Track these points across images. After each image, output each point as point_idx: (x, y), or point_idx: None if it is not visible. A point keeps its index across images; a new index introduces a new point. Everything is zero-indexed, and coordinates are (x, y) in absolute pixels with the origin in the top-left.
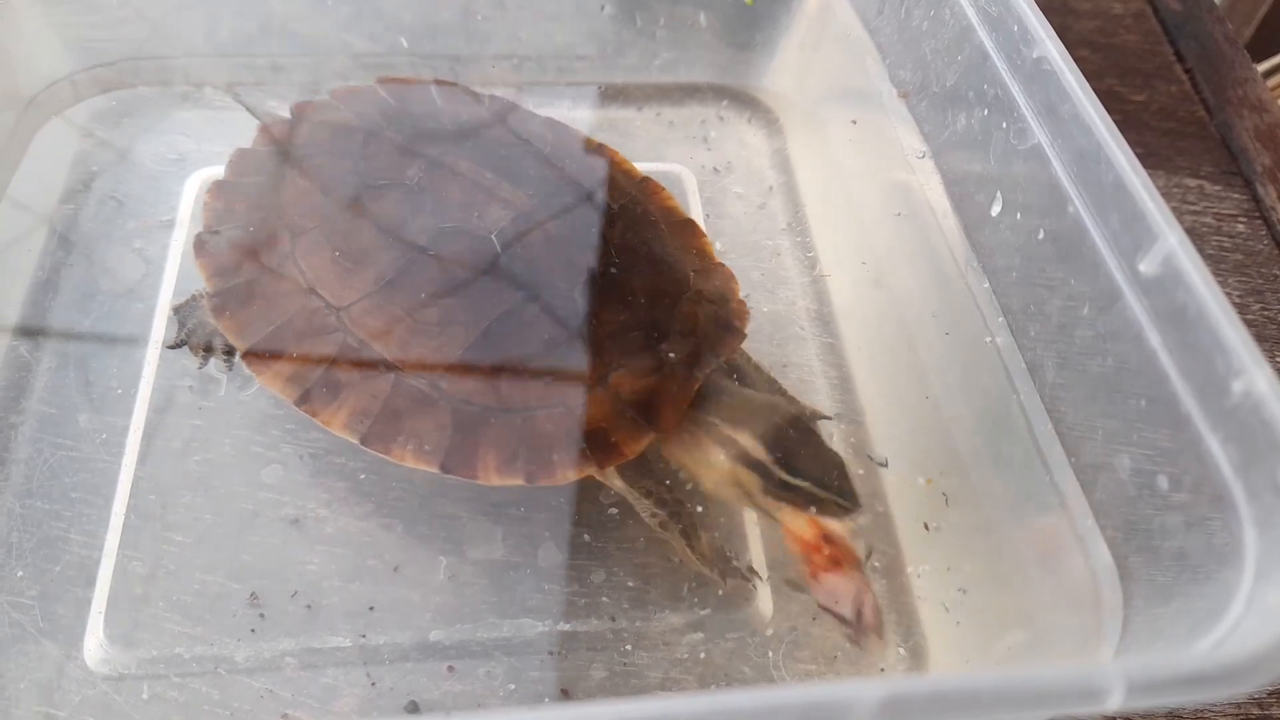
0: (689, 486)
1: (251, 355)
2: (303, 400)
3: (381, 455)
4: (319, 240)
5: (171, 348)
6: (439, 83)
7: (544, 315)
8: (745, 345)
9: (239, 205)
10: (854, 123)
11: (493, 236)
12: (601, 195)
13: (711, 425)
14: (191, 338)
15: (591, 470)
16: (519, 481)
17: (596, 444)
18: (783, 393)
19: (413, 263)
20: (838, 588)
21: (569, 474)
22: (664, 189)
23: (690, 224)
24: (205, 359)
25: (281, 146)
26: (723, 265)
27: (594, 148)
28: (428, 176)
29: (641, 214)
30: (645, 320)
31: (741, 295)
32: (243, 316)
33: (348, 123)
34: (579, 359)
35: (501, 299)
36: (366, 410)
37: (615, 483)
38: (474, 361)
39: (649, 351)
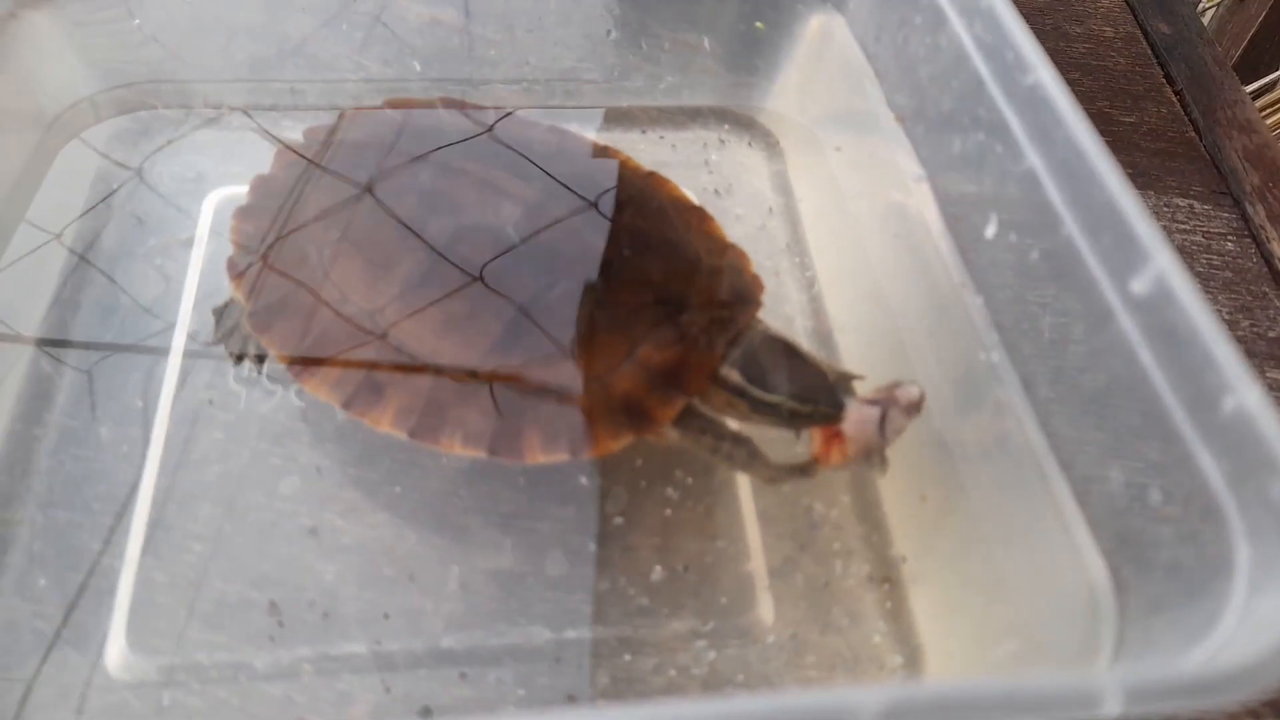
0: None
1: (296, 366)
2: (349, 404)
3: (430, 446)
4: (346, 250)
5: (210, 344)
6: (445, 101)
7: (567, 300)
8: None
9: (266, 225)
10: (839, 149)
11: (509, 229)
12: (609, 187)
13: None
14: (229, 338)
15: (629, 439)
16: (564, 457)
17: (632, 414)
18: (806, 357)
19: (436, 261)
20: (861, 418)
21: (609, 445)
22: (670, 181)
23: (699, 210)
24: (239, 360)
25: (298, 168)
26: (734, 245)
27: (599, 149)
28: (441, 180)
29: (649, 202)
30: (664, 297)
31: None
32: (282, 331)
33: (360, 140)
34: (606, 338)
35: (524, 288)
36: (411, 407)
37: (671, 436)
38: (507, 349)
39: (671, 324)
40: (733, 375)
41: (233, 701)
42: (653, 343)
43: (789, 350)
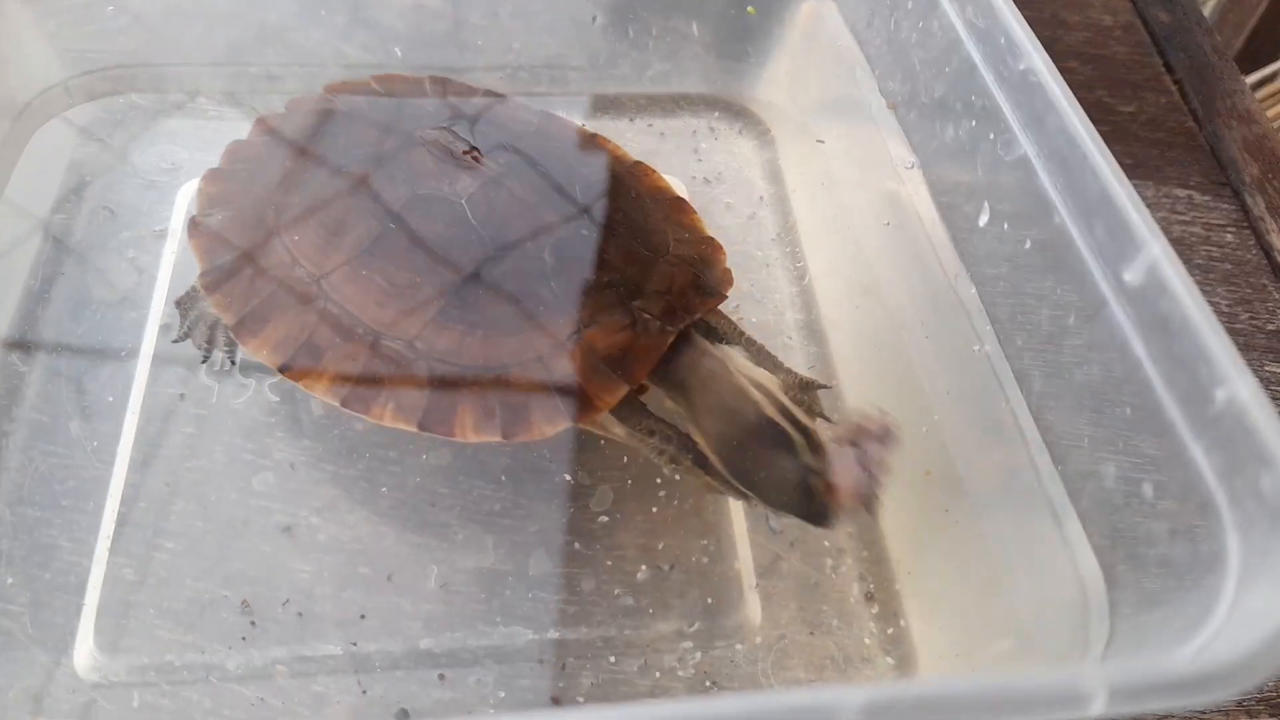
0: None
1: (239, 327)
2: (286, 367)
3: (361, 415)
4: (302, 215)
5: (176, 341)
6: (433, 79)
7: (513, 275)
8: None
9: (232, 189)
10: (820, 142)
11: (463, 201)
12: (581, 168)
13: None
14: (194, 330)
15: (565, 424)
16: (496, 438)
17: (571, 398)
18: (770, 359)
19: (388, 229)
20: (845, 466)
21: (544, 429)
22: (655, 171)
23: (679, 201)
24: (208, 352)
25: (274, 135)
26: (712, 238)
27: (586, 135)
28: (404, 149)
29: (624, 187)
30: (618, 280)
31: (732, 305)
32: (231, 291)
33: (336, 110)
34: (552, 317)
35: (470, 261)
36: (347, 373)
37: (616, 430)
38: (447, 322)
39: (622, 308)
40: (708, 448)
41: (204, 703)
42: (600, 325)
43: (771, 449)
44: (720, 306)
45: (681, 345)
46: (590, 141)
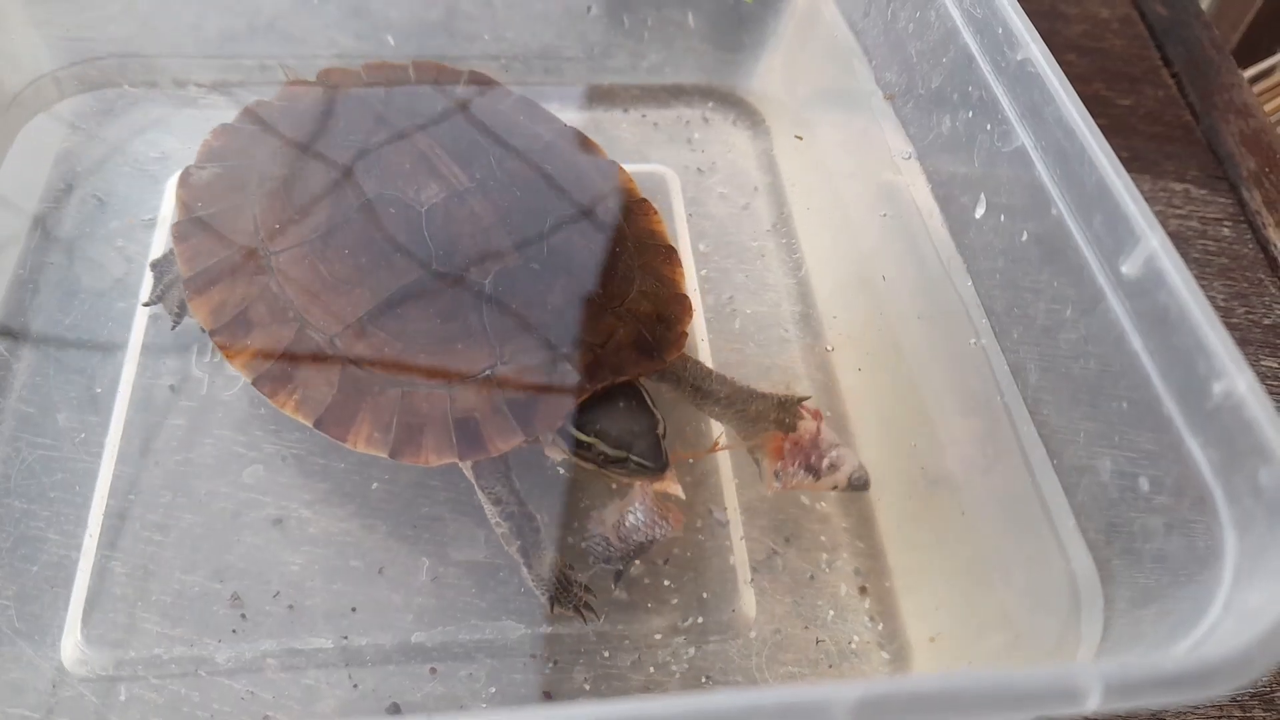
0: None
1: (190, 283)
2: (216, 333)
3: (268, 398)
4: (276, 189)
5: (147, 304)
6: (417, 65)
7: (448, 295)
8: (730, 347)
9: (232, 147)
10: (800, 139)
11: (422, 210)
12: (569, 196)
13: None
14: (167, 294)
15: (451, 459)
16: (382, 453)
17: (465, 434)
18: (745, 392)
19: (344, 222)
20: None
21: (430, 458)
22: (656, 212)
23: (668, 251)
24: (179, 317)
25: (285, 107)
26: (684, 296)
27: (594, 162)
28: (386, 144)
29: (607, 225)
30: (551, 323)
31: (725, 296)
32: (195, 246)
33: (329, 96)
34: (471, 346)
35: (410, 271)
36: (268, 353)
37: (469, 474)
38: (370, 327)
39: (545, 353)
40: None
41: (193, 696)
42: (516, 365)
43: (626, 392)
44: (715, 299)
45: (616, 391)
46: (596, 168)
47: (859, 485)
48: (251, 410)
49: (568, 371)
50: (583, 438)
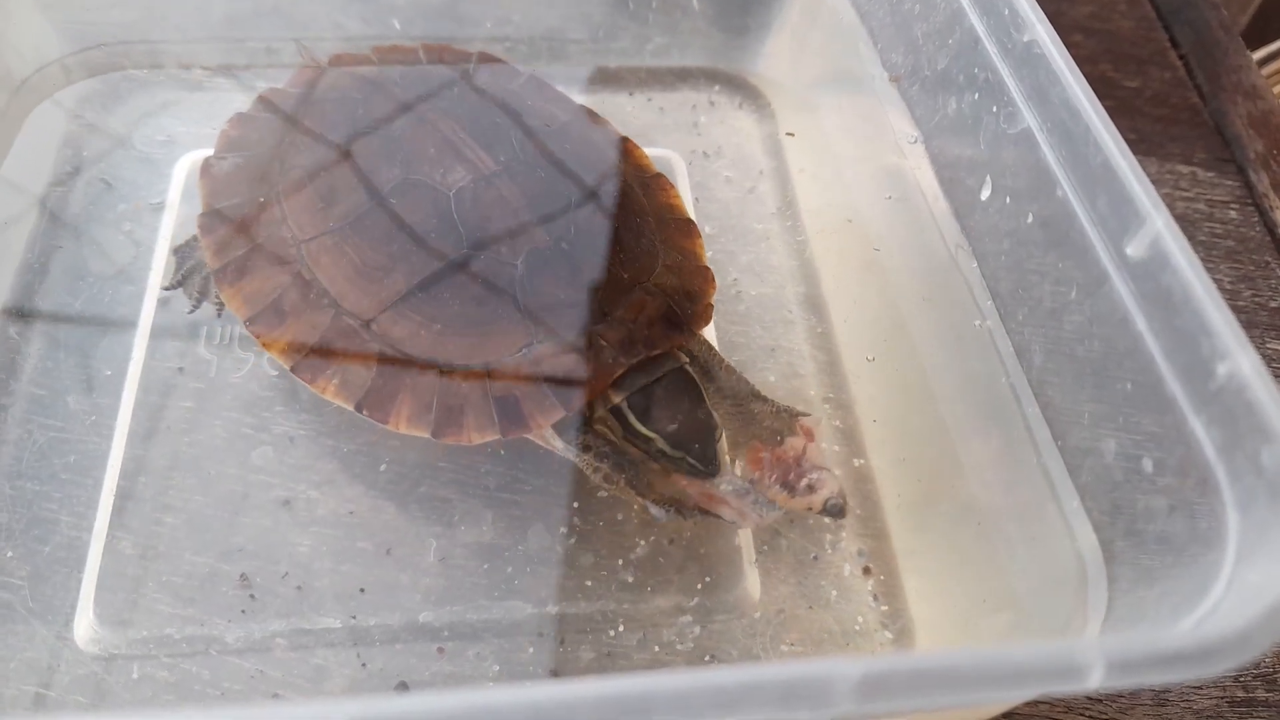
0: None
1: (220, 274)
2: (250, 322)
3: (307, 384)
4: (302, 178)
5: (167, 289)
6: (426, 47)
7: (482, 277)
8: (734, 328)
9: (251, 136)
10: (790, 135)
11: (450, 194)
12: (588, 175)
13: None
14: (188, 279)
15: (494, 436)
16: (424, 433)
17: (506, 412)
18: (749, 388)
19: (373, 208)
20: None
21: (473, 436)
22: (673, 187)
23: (687, 224)
24: (198, 302)
25: (300, 92)
26: (706, 269)
27: (609, 137)
28: (411, 130)
29: (628, 202)
30: (584, 300)
31: (730, 279)
32: (223, 237)
33: (343, 81)
34: (508, 326)
35: (442, 254)
36: (304, 340)
37: (555, 444)
38: (407, 310)
39: (579, 330)
40: (617, 398)
41: (204, 675)
42: (553, 344)
43: (690, 391)
44: (720, 281)
45: (649, 364)
46: (612, 145)
47: (834, 512)
48: (260, 392)
49: (602, 347)
50: (644, 431)
